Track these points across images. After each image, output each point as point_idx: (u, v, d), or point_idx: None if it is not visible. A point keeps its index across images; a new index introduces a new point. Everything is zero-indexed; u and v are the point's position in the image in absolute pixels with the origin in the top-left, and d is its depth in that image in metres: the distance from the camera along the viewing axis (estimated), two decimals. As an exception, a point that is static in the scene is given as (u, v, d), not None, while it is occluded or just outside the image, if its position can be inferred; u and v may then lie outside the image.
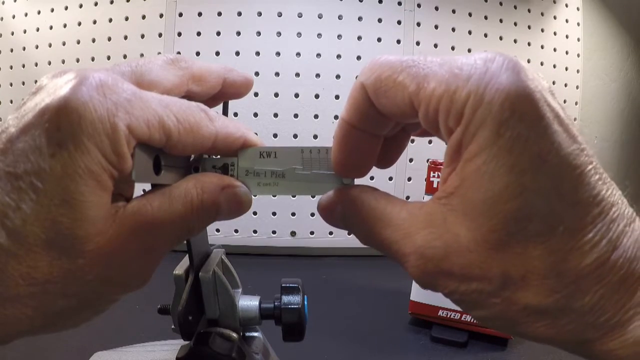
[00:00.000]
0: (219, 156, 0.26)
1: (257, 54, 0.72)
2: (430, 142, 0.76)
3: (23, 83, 0.77)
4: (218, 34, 0.72)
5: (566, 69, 0.82)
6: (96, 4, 0.74)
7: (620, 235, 0.15)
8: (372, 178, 0.72)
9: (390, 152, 0.22)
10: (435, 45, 0.75)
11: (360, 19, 0.73)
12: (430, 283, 0.17)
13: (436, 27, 0.75)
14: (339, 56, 0.73)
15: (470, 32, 0.76)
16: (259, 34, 0.72)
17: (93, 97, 0.16)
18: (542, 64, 0.79)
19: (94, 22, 0.74)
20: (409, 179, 0.76)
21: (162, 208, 0.18)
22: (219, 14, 0.72)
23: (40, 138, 0.15)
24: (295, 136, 0.74)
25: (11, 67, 0.77)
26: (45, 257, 0.16)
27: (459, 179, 0.16)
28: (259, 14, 0.72)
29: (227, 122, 0.20)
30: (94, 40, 0.74)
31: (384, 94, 0.17)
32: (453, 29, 0.75)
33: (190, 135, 0.18)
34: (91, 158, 0.16)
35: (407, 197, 0.75)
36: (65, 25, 0.74)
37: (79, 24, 0.74)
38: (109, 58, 0.74)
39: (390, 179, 0.76)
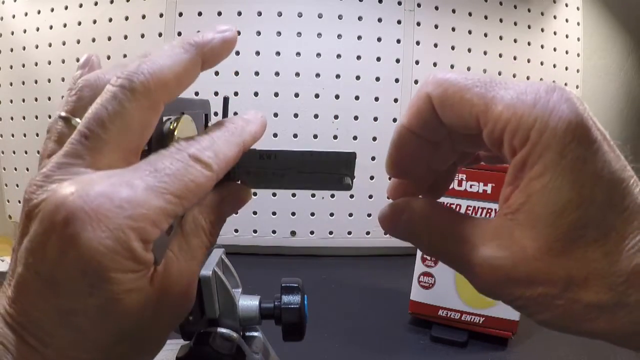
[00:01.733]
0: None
1: (257, 53, 0.72)
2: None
3: (23, 83, 0.77)
4: (218, 33, 0.72)
5: (566, 68, 0.82)
6: (96, 3, 0.74)
7: None
8: (371, 177, 0.72)
9: (442, 184, 0.24)
10: (435, 45, 0.75)
11: (360, 18, 0.73)
12: (496, 291, 0.19)
13: (436, 26, 0.75)
14: (339, 56, 0.73)
15: (470, 32, 0.76)
16: (259, 33, 0.72)
17: (100, 238, 0.16)
18: (542, 63, 0.79)
19: (94, 21, 0.74)
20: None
21: (183, 254, 0.20)
22: (219, 14, 0.72)
23: (71, 284, 0.17)
24: (295, 136, 0.74)
25: (11, 67, 0.77)
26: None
27: (524, 196, 0.18)
28: (259, 13, 0.72)
29: (223, 150, 0.20)
30: (94, 40, 0.74)
31: (450, 107, 0.19)
32: (453, 29, 0.75)
33: (194, 198, 0.19)
34: (121, 284, 0.17)
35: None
36: (65, 25, 0.74)
37: (79, 23, 0.74)
38: (109, 58, 0.74)
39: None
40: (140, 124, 0.19)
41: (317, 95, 0.73)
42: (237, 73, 0.72)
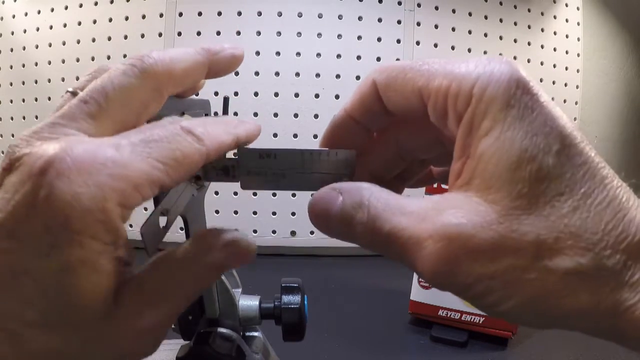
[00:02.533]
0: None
1: (257, 53, 0.72)
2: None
3: (23, 83, 0.77)
4: (218, 33, 0.72)
5: (566, 68, 0.82)
6: (96, 3, 0.74)
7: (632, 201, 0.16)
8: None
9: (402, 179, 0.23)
10: (435, 45, 0.75)
11: (360, 18, 0.73)
12: (450, 272, 0.16)
13: (436, 26, 0.75)
14: (339, 56, 0.73)
15: (470, 32, 0.76)
16: (259, 33, 0.72)
17: (75, 192, 0.15)
18: (542, 63, 0.79)
19: (94, 21, 0.74)
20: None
21: (166, 279, 0.18)
22: (219, 13, 0.72)
23: (32, 237, 0.15)
24: (295, 136, 0.74)
25: (11, 67, 0.77)
26: (47, 344, 0.16)
27: (475, 160, 0.17)
28: (259, 13, 0.72)
29: (216, 131, 0.19)
30: (94, 40, 0.74)
31: (393, 88, 0.19)
32: (453, 29, 0.75)
33: (182, 169, 0.18)
34: (85, 250, 0.15)
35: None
36: (65, 25, 0.74)
37: (79, 23, 0.74)
38: (109, 58, 0.74)
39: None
40: (142, 103, 0.18)
41: (317, 95, 0.73)
42: (237, 73, 0.72)
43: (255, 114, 0.73)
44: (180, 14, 0.72)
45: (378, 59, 0.73)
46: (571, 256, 0.15)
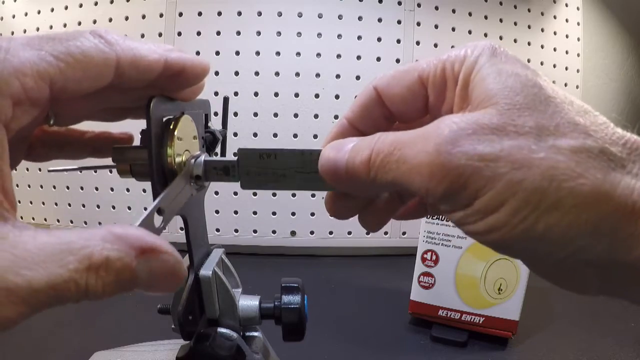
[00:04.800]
0: (218, 155, 0.26)
1: (257, 53, 0.72)
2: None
3: (23, 83, 0.77)
4: (218, 33, 0.72)
5: (566, 68, 0.82)
6: (96, 3, 0.74)
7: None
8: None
9: (381, 215, 0.24)
10: (435, 45, 0.75)
11: (360, 18, 0.73)
12: (453, 156, 0.16)
13: (436, 26, 0.75)
14: (339, 56, 0.73)
15: (470, 32, 0.76)
16: (259, 33, 0.72)
17: None
18: (542, 63, 0.79)
19: (94, 22, 0.74)
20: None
21: (48, 247, 0.14)
22: (219, 13, 0.72)
23: None
24: (295, 136, 0.74)
25: (11, 67, 0.77)
26: None
27: (472, 93, 0.18)
28: (259, 13, 0.72)
29: (135, 44, 0.18)
30: (93, 40, 0.74)
31: (394, 83, 0.21)
32: (453, 29, 0.75)
33: (79, 67, 0.16)
34: None
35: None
36: (65, 25, 0.74)
37: (79, 23, 0.74)
38: (108, 58, 0.74)
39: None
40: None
41: (317, 95, 0.73)
42: (237, 73, 0.72)
43: (255, 114, 0.73)
44: (180, 14, 0.72)
45: (378, 59, 0.73)
46: (575, 137, 0.16)
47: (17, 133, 0.16)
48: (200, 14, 0.72)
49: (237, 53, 0.72)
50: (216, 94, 0.71)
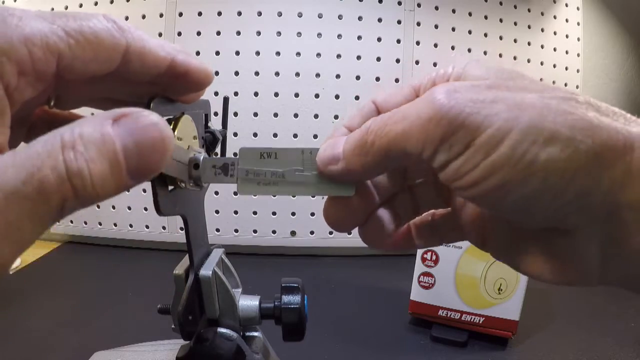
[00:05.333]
0: (218, 155, 0.26)
1: (257, 53, 0.72)
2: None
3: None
4: (218, 33, 0.72)
5: (566, 68, 0.82)
6: (96, 3, 0.74)
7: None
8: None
9: (382, 231, 0.23)
10: (435, 45, 0.75)
11: (360, 18, 0.73)
12: (451, 100, 0.16)
13: (436, 26, 0.75)
14: (339, 56, 0.73)
15: (470, 32, 0.76)
16: (259, 33, 0.72)
17: None
18: (542, 63, 0.79)
19: (94, 22, 0.74)
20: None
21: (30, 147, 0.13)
22: (219, 13, 0.72)
23: None
24: (295, 136, 0.74)
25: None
26: None
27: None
28: (259, 13, 0.72)
29: (145, 37, 0.18)
30: (93, 40, 0.74)
31: (392, 96, 0.22)
32: (453, 29, 0.75)
33: (88, 47, 0.16)
34: None
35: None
36: None
37: (79, 23, 0.74)
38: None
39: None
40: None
41: (317, 95, 0.73)
42: (237, 73, 0.72)
43: (255, 114, 0.73)
44: (180, 14, 0.72)
45: (378, 59, 0.73)
46: (563, 93, 0.17)
47: (19, 110, 0.16)
48: (200, 14, 0.72)
49: (237, 53, 0.72)
50: (216, 94, 0.71)
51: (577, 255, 0.18)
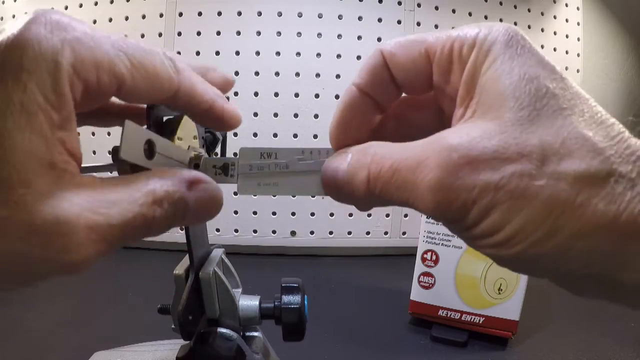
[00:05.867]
0: (218, 155, 0.26)
1: (257, 53, 0.72)
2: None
3: (23, 83, 0.77)
4: (218, 33, 0.72)
5: (566, 68, 0.82)
6: (96, 3, 0.74)
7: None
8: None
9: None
10: (435, 45, 0.75)
11: (360, 18, 0.73)
12: (452, 186, 0.16)
13: (436, 26, 0.75)
14: (339, 56, 0.73)
15: (470, 32, 0.76)
16: (259, 33, 0.72)
17: (39, 34, 0.15)
18: (542, 63, 0.79)
19: (94, 22, 0.74)
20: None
21: (118, 189, 0.17)
22: (219, 13, 0.72)
23: None
24: (295, 136, 0.74)
25: (11, 67, 0.77)
26: None
27: (478, 92, 0.17)
28: (259, 13, 0.72)
29: (196, 80, 0.19)
30: (93, 40, 0.74)
31: (401, 52, 0.19)
32: (453, 29, 0.75)
33: (147, 82, 0.17)
34: (27, 95, 0.15)
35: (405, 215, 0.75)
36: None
37: (79, 23, 0.74)
38: (108, 58, 0.74)
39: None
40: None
41: (317, 95, 0.73)
42: (237, 73, 0.72)
43: (255, 114, 0.73)
44: (180, 14, 0.72)
45: (378, 59, 0.73)
46: (580, 159, 0.15)
47: None
48: (200, 14, 0.72)
49: (237, 53, 0.72)
50: (216, 94, 0.71)
51: (568, 284, 0.17)
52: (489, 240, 0.16)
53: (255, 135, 0.73)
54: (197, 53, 0.72)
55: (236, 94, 0.72)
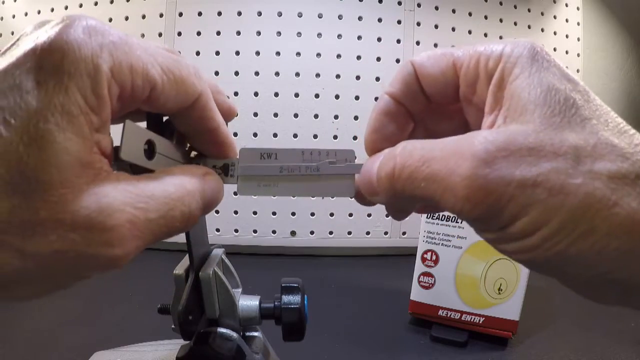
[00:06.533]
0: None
1: (257, 53, 0.72)
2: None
3: (23, 83, 0.77)
4: (218, 33, 0.72)
5: (566, 68, 0.81)
6: (96, 3, 0.74)
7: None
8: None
9: None
10: (436, 45, 0.75)
11: (360, 18, 0.73)
12: (490, 180, 0.16)
13: (436, 26, 0.75)
14: (339, 56, 0.73)
15: (470, 32, 0.76)
16: (259, 33, 0.72)
17: (78, 38, 0.15)
18: (542, 63, 0.79)
19: (94, 21, 0.74)
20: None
21: (151, 184, 0.17)
22: (219, 13, 0.72)
23: (21, 77, 0.15)
24: (295, 136, 0.74)
25: (11, 67, 0.77)
26: (6, 201, 0.14)
27: (507, 101, 0.18)
28: (259, 13, 0.72)
29: (219, 91, 0.21)
30: (93, 40, 0.74)
31: (430, 64, 0.21)
32: (453, 29, 0.75)
33: (174, 88, 0.18)
34: (68, 97, 0.15)
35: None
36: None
37: (79, 23, 0.74)
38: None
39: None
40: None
41: (317, 95, 0.73)
42: (237, 73, 0.72)
43: (255, 114, 0.73)
44: (180, 14, 0.72)
45: (378, 59, 0.73)
46: (612, 161, 0.15)
47: None
48: (200, 14, 0.72)
49: (237, 53, 0.72)
50: (216, 94, 0.71)
51: (595, 289, 0.18)
52: (525, 242, 0.16)
53: (255, 135, 0.73)
54: (197, 53, 0.72)
55: (236, 94, 0.72)
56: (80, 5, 0.74)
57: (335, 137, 0.74)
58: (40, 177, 0.14)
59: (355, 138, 0.74)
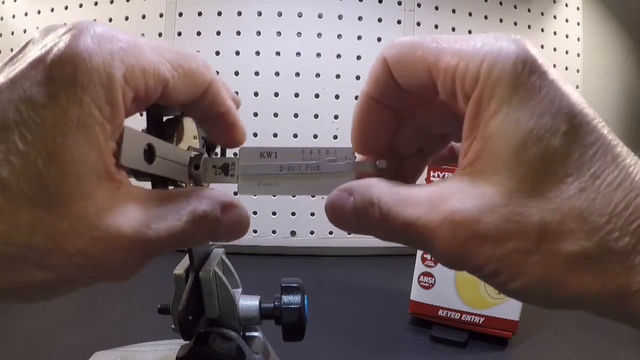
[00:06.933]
0: (218, 155, 0.26)
1: (257, 53, 0.72)
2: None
3: (23, 83, 0.77)
4: (218, 33, 0.72)
5: (566, 68, 0.82)
6: (96, 3, 0.74)
7: None
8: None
9: (409, 174, 0.23)
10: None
11: (360, 18, 0.73)
12: (461, 256, 0.16)
13: (436, 26, 0.75)
14: (339, 56, 0.73)
15: (470, 32, 0.76)
16: (259, 33, 0.72)
17: (88, 48, 0.15)
18: (542, 63, 0.79)
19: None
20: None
21: (165, 205, 0.18)
22: (219, 13, 0.72)
23: (32, 89, 0.15)
24: (295, 136, 0.74)
25: (11, 67, 0.77)
26: (28, 214, 0.14)
27: (482, 141, 0.17)
28: (259, 13, 0.72)
29: (225, 86, 0.21)
30: (93, 40, 0.74)
31: (404, 67, 0.19)
32: (453, 29, 0.75)
33: (185, 81, 0.18)
34: (83, 110, 0.15)
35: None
36: (65, 25, 0.74)
37: (79, 23, 0.74)
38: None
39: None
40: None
41: (317, 95, 0.73)
42: (237, 73, 0.72)
43: (255, 114, 0.73)
44: (180, 14, 0.72)
45: (378, 59, 0.73)
46: (575, 240, 0.15)
47: None
48: (200, 14, 0.72)
49: (237, 53, 0.72)
50: (216, 94, 0.71)
51: None
52: (502, 288, 0.17)
53: (255, 135, 0.73)
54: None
55: (236, 93, 0.72)
56: (80, 5, 0.74)
57: (335, 137, 0.74)
58: (61, 191, 0.15)
59: (355, 138, 0.74)
